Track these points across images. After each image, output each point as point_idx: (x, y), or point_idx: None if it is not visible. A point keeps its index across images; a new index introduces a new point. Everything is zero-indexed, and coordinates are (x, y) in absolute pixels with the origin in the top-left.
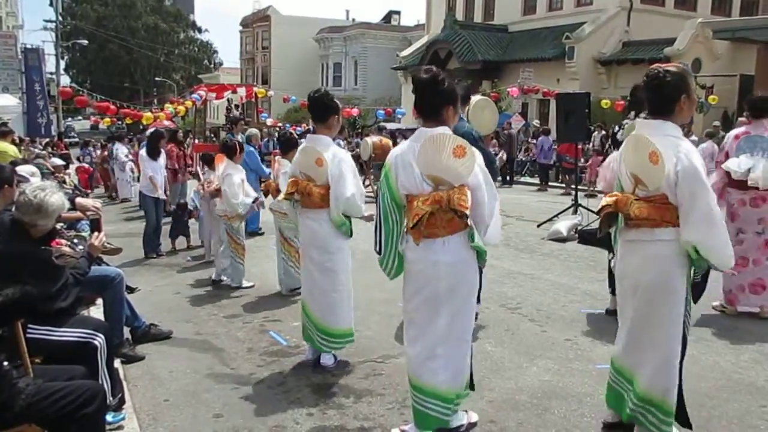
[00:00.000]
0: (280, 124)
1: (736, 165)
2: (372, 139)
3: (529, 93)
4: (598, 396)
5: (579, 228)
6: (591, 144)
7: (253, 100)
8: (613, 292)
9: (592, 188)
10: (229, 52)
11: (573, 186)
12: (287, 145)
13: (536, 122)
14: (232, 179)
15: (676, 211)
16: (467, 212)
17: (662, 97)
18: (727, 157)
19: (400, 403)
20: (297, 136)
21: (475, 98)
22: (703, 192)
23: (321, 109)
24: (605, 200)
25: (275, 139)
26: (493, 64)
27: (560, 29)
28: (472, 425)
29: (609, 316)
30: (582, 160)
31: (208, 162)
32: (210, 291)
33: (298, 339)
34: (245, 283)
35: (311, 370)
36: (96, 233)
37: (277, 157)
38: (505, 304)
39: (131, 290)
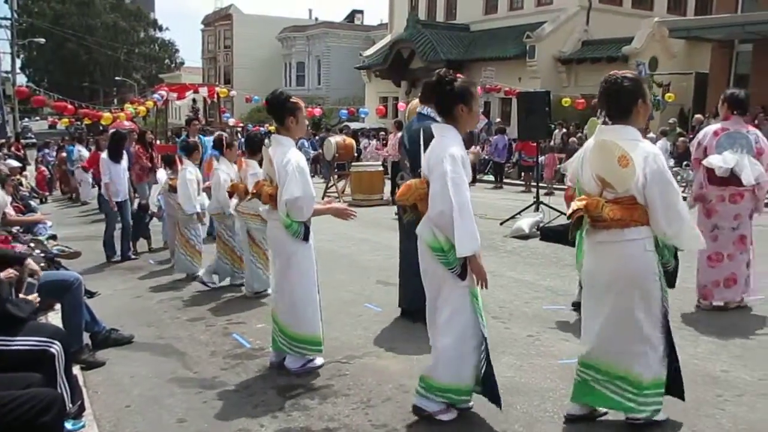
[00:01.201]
0: (242, 124)
1: (721, 161)
2: (335, 139)
3: (492, 92)
4: (560, 391)
5: (541, 225)
6: (552, 142)
7: (216, 100)
8: None
9: (550, 185)
10: (190, 51)
11: (533, 183)
12: (254, 146)
13: (498, 120)
14: (218, 175)
15: (644, 210)
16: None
17: (620, 102)
18: (705, 153)
19: (365, 403)
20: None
21: None
22: (671, 190)
23: (276, 111)
24: (576, 204)
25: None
26: (456, 63)
27: (521, 28)
28: None
29: (573, 312)
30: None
31: (170, 163)
32: (172, 294)
33: (262, 341)
34: (221, 283)
35: (276, 372)
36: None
37: (244, 159)
38: None
39: (91, 295)
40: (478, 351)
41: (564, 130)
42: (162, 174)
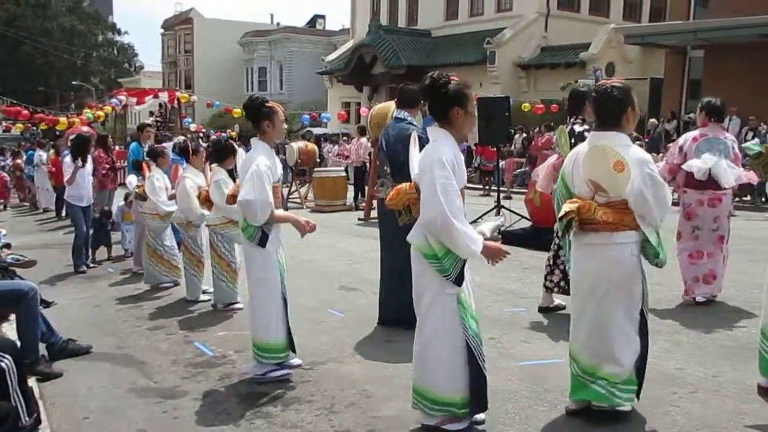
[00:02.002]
0: (204, 130)
1: (702, 163)
2: (297, 145)
3: None
4: (522, 392)
5: (502, 229)
6: (512, 146)
7: (176, 105)
8: (560, 291)
9: (509, 190)
10: (150, 55)
11: (493, 188)
12: (223, 153)
13: None
14: (184, 183)
15: (633, 214)
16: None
17: (611, 110)
18: (686, 158)
19: (328, 410)
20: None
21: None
22: (664, 191)
23: (253, 115)
24: (568, 207)
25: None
26: (418, 69)
27: (482, 34)
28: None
29: (528, 314)
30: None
31: (139, 168)
32: (133, 303)
33: (224, 349)
34: (202, 297)
35: (238, 379)
36: None
37: (213, 165)
38: None
39: (47, 304)
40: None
41: (524, 135)
42: (132, 179)
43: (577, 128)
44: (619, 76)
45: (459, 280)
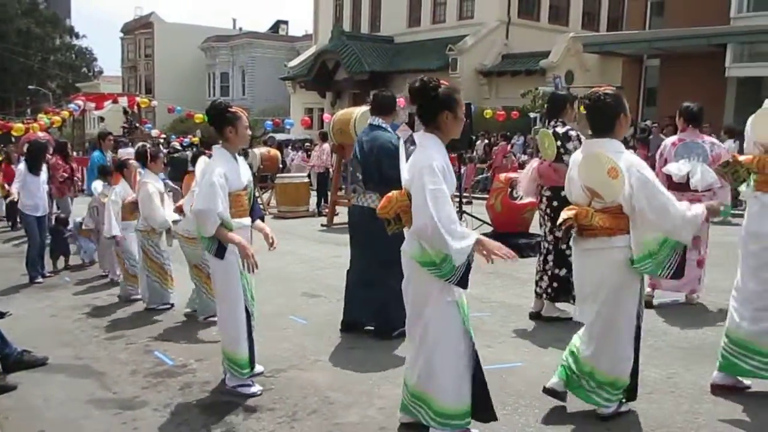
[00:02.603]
0: (164, 135)
1: (677, 169)
2: (260, 151)
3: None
4: None
5: None
6: (474, 152)
7: (137, 110)
8: (548, 298)
9: (470, 195)
10: (109, 59)
11: (455, 193)
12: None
13: None
14: (146, 188)
15: (627, 219)
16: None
17: (604, 117)
18: (666, 162)
19: (290, 417)
20: (182, 148)
21: (360, 109)
22: (658, 195)
23: (215, 121)
24: (566, 214)
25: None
26: (381, 75)
27: (444, 41)
28: None
29: (492, 318)
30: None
31: (106, 174)
32: (90, 312)
33: (185, 358)
34: (162, 306)
35: (199, 388)
36: None
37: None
38: None
39: (1, 315)
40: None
41: (486, 141)
42: (98, 185)
43: (560, 130)
44: (578, 84)
45: (463, 283)
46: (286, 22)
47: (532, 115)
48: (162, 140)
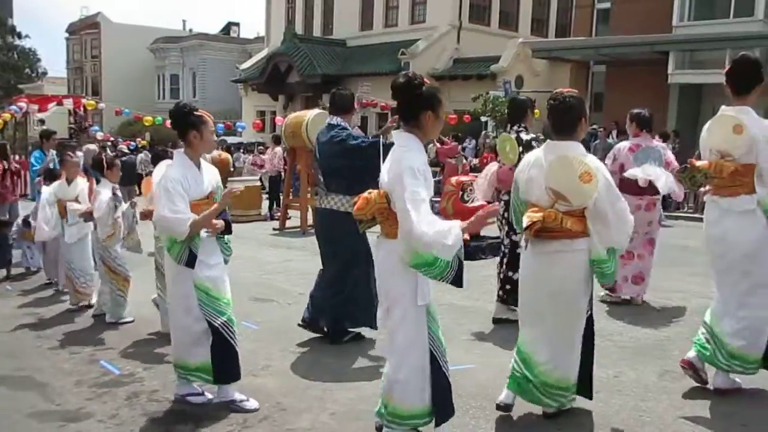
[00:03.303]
0: (112, 138)
1: (643, 173)
2: (210, 154)
3: (368, 106)
4: None
5: None
6: (427, 155)
7: (83, 112)
8: (499, 300)
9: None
10: (54, 60)
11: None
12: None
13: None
14: (102, 199)
15: (586, 222)
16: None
17: (568, 118)
18: (622, 167)
19: (240, 425)
20: (130, 152)
21: (313, 112)
22: (620, 201)
23: (179, 124)
24: (534, 216)
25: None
26: (333, 78)
27: (396, 45)
28: None
29: (442, 321)
30: None
31: (53, 179)
32: (34, 322)
33: (132, 366)
34: (125, 318)
35: (147, 398)
36: None
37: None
38: None
39: None
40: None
41: (438, 144)
42: (45, 191)
43: (524, 136)
44: (527, 89)
45: (458, 281)
46: (237, 24)
47: (483, 118)
48: (109, 143)
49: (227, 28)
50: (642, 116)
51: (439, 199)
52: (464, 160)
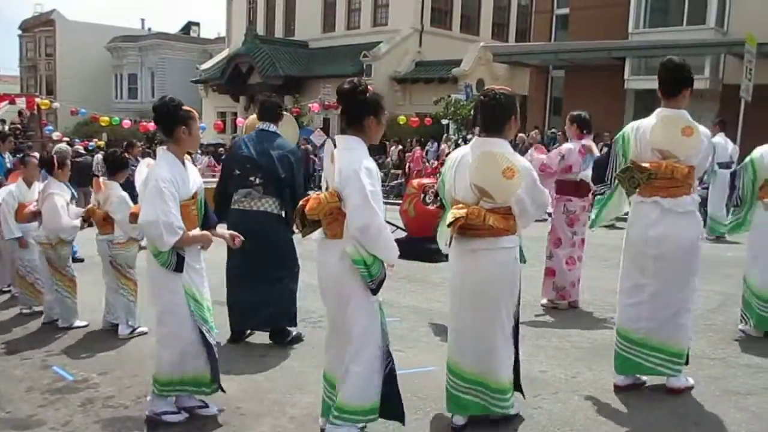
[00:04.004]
0: (67, 139)
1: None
2: None
3: (330, 108)
4: None
5: None
6: (388, 158)
7: (36, 111)
8: None
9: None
10: (6, 58)
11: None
12: (116, 166)
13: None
14: (53, 200)
15: (514, 220)
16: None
17: (496, 116)
18: (570, 169)
19: (199, 430)
20: (87, 152)
21: None
22: (543, 195)
23: (165, 120)
24: (457, 213)
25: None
26: (295, 80)
27: (358, 47)
28: None
29: (403, 323)
30: (382, 173)
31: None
32: None
33: (86, 372)
34: (78, 323)
35: (101, 404)
36: None
37: (102, 179)
38: (306, 318)
39: None
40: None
41: (400, 147)
42: (2, 192)
43: None
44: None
45: (379, 288)
46: (197, 24)
47: (444, 121)
48: (64, 144)
49: (187, 27)
50: (583, 118)
51: (400, 201)
52: (426, 163)
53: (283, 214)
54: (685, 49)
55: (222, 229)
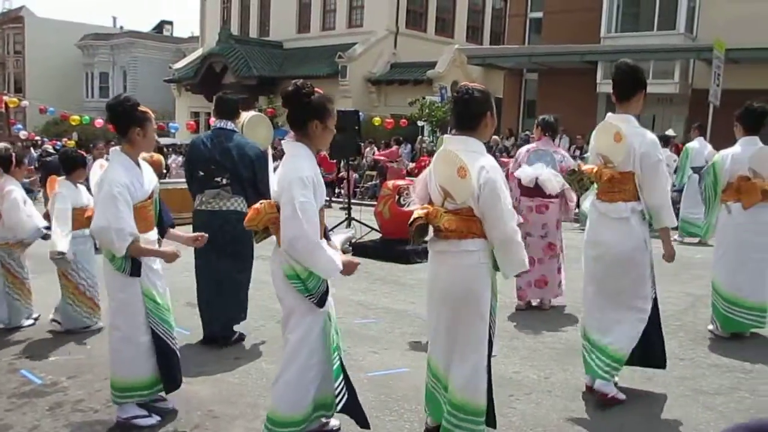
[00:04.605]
0: (36, 138)
1: (523, 173)
2: (142, 155)
3: None
4: (370, 403)
5: (353, 240)
6: (363, 160)
7: (4, 110)
8: None
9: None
10: None
11: (334, 200)
12: (71, 165)
13: None
14: (13, 197)
15: (481, 222)
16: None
17: (469, 113)
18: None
19: None
20: (56, 152)
21: (248, 114)
22: (500, 202)
23: (119, 120)
24: (417, 212)
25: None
26: (270, 80)
27: (333, 48)
28: None
29: (378, 324)
30: (357, 175)
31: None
32: None
33: (55, 375)
34: (25, 322)
35: (71, 408)
36: None
37: (60, 179)
38: (279, 319)
39: None
40: (319, 377)
41: (375, 149)
42: None
43: None
44: None
45: (322, 302)
46: (170, 23)
47: (419, 123)
48: (34, 143)
49: (160, 26)
50: (546, 121)
51: (375, 203)
52: (402, 165)
53: None
54: (656, 53)
55: (179, 230)
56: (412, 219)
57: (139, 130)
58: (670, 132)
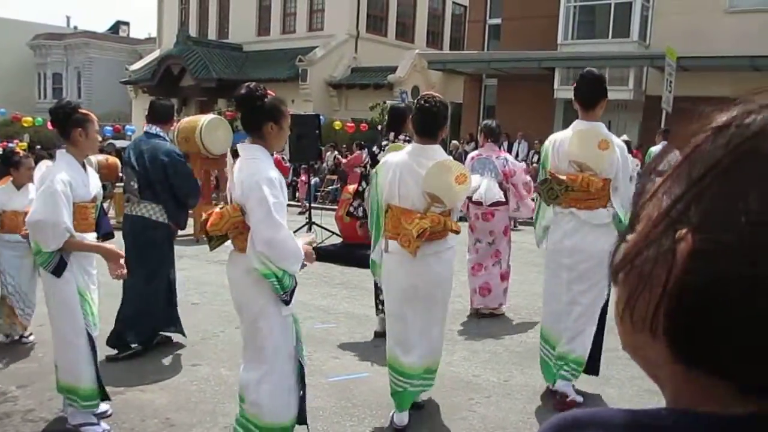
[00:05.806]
0: None
1: (474, 182)
2: (97, 158)
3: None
4: (331, 408)
5: (315, 245)
6: (324, 164)
7: None
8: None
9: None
10: None
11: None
12: (10, 164)
13: None
14: None
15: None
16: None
17: (437, 123)
18: None
19: None
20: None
21: (207, 117)
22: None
23: (61, 123)
24: (423, 224)
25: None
26: (229, 83)
27: (294, 52)
28: None
29: (338, 329)
30: (317, 179)
31: None
32: None
33: (4, 384)
34: None
35: (21, 417)
36: None
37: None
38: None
39: None
40: (298, 378)
41: (335, 152)
42: None
43: None
44: None
45: (291, 298)
46: (127, 24)
47: (380, 127)
48: None
49: (116, 27)
50: (487, 126)
51: (336, 207)
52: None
53: (165, 221)
54: (611, 60)
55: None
56: (421, 230)
57: (81, 131)
58: (624, 137)
